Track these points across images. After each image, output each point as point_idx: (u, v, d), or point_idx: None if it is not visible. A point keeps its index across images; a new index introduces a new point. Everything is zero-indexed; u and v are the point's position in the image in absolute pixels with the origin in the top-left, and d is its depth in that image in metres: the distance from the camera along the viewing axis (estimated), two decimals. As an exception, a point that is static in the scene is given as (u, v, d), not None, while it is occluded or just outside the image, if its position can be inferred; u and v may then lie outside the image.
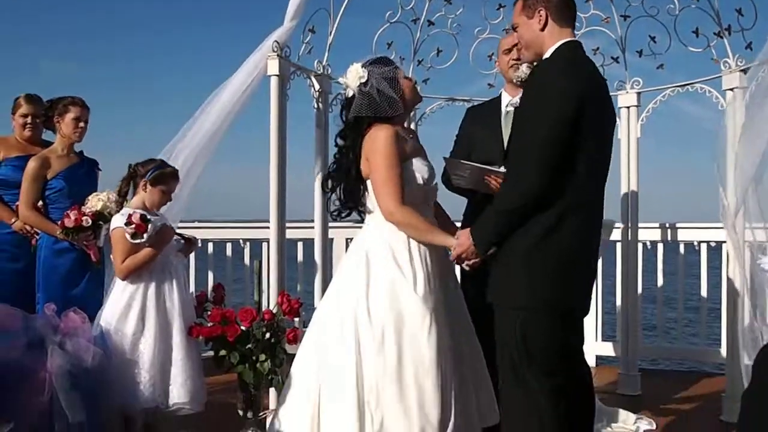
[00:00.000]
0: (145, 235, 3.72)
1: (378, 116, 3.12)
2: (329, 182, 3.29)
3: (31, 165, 4.19)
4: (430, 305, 2.93)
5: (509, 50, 3.74)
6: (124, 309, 3.76)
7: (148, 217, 3.77)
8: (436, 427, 2.85)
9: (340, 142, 3.25)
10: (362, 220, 3.27)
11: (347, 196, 3.23)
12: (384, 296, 2.96)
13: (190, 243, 4.10)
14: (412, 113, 3.39)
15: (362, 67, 3.15)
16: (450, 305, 3.07)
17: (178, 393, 3.76)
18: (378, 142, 3.04)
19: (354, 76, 3.14)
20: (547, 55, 2.83)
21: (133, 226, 3.69)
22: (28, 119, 4.49)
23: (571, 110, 2.60)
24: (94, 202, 4.04)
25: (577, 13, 3.00)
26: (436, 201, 3.34)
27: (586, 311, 2.97)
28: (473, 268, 2.98)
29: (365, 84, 3.12)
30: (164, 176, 3.89)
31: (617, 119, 4.92)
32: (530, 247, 2.71)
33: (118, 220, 3.80)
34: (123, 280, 3.79)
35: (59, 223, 4.06)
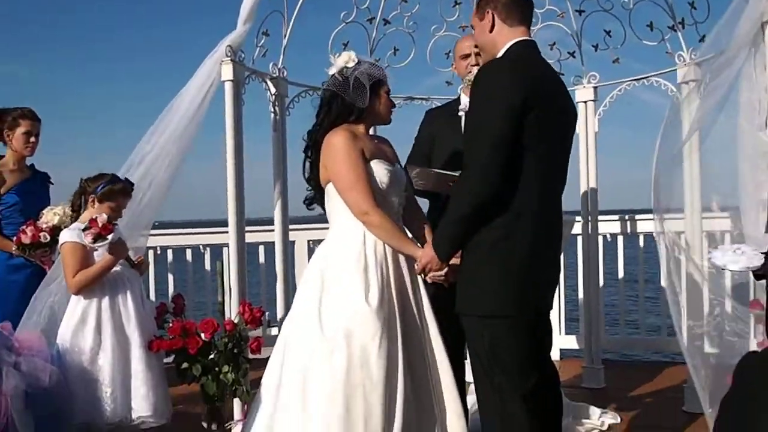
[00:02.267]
0: (109, 237, 3.59)
1: (342, 112, 3.08)
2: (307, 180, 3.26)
3: None
4: (382, 317, 2.87)
5: (467, 55, 3.73)
6: (79, 324, 3.67)
7: (115, 222, 3.67)
8: None
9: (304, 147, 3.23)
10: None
11: (318, 199, 3.23)
12: (336, 306, 2.92)
13: (139, 266, 3.97)
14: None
15: (357, 56, 3.12)
16: (407, 314, 3.01)
17: (140, 406, 3.68)
18: (333, 147, 3.00)
19: (344, 59, 3.09)
20: (498, 56, 2.81)
21: (97, 228, 3.56)
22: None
23: (514, 114, 2.56)
24: (50, 216, 3.94)
25: (534, 9, 2.99)
26: (412, 200, 3.31)
27: (550, 308, 2.96)
28: (436, 281, 2.96)
29: (348, 69, 3.07)
30: (113, 192, 3.80)
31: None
32: (488, 253, 2.69)
33: (67, 235, 3.70)
34: (75, 294, 3.70)
35: (15, 239, 3.96)
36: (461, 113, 3.73)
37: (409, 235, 3.19)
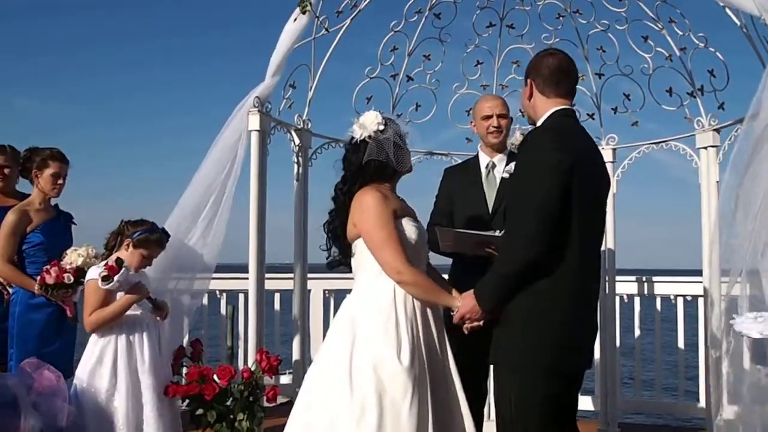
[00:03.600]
0: (116, 278, 3.63)
1: (374, 175, 3.11)
2: (328, 234, 3.27)
3: (10, 218, 4.10)
4: (413, 376, 2.86)
5: (489, 116, 3.80)
6: (96, 364, 3.70)
7: (124, 263, 3.71)
8: None
9: (333, 199, 3.25)
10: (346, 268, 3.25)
11: (341, 252, 3.25)
12: (367, 363, 2.89)
13: (160, 310, 3.99)
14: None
15: (382, 115, 3.15)
16: (435, 371, 3.00)
17: None
18: (365, 206, 3.03)
19: (372, 121, 3.12)
20: (539, 123, 2.94)
21: (106, 269, 3.63)
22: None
23: (561, 184, 2.68)
24: (74, 257, 3.98)
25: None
26: (429, 263, 3.33)
27: (584, 369, 2.96)
28: (475, 331, 2.98)
29: (383, 132, 3.11)
30: (149, 241, 3.86)
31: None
32: (528, 310, 2.76)
33: (93, 272, 3.76)
34: (90, 332, 3.74)
35: (38, 279, 3.98)
36: (504, 174, 3.79)
37: None
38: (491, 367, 2.92)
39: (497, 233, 3.28)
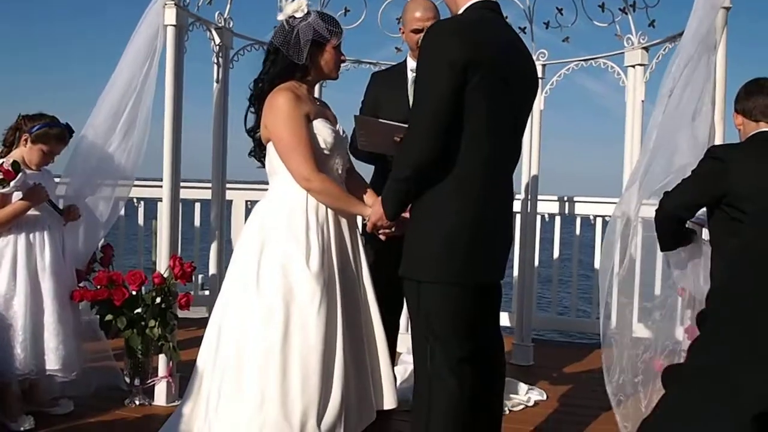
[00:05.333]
0: (12, 183, 3.44)
1: (283, 69, 2.98)
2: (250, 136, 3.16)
3: None
4: (321, 281, 2.82)
5: (419, 30, 3.62)
6: None
7: (21, 167, 3.50)
8: (316, 405, 2.75)
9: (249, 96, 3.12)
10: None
11: (257, 156, 3.15)
12: (275, 269, 2.84)
13: (69, 216, 3.81)
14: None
15: (308, 6, 2.99)
16: (347, 279, 2.97)
17: (49, 359, 3.57)
18: (276, 108, 2.90)
19: (293, 7, 2.96)
20: None
21: (2, 171, 3.42)
22: None
23: (455, 74, 2.49)
24: None
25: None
26: (352, 168, 3.24)
27: (496, 278, 2.86)
28: (388, 237, 2.91)
29: (295, 19, 2.96)
30: (48, 136, 3.65)
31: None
32: (431, 217, 2.63)
33: None
34: None
35: None
36: (410, 76, 3.68)
37: None
38: None
39: None
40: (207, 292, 5.63)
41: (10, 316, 3.47)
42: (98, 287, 3.76)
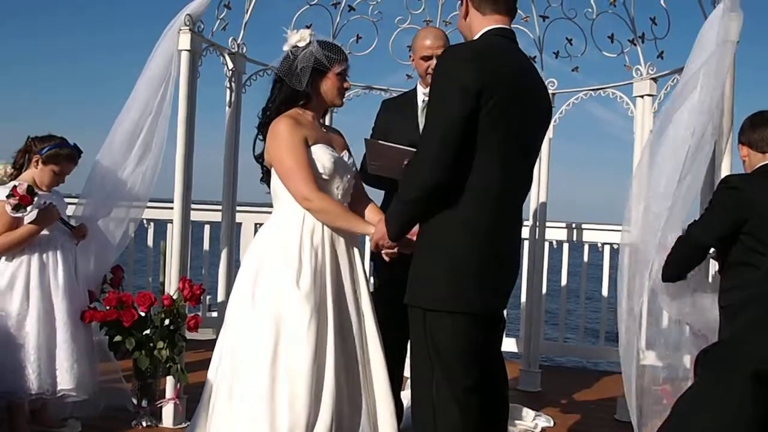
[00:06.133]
0: (28, 208, 3.49)
1: (287, 97, 3.05)
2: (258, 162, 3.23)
3: None
4: (312, 302, 2.84)
5: (428, 57, 3.67)
6: (7, 287, 3.56)
7: (35, 190, 3.55)
8: (303, 427, 2.76)
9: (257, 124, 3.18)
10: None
11: (265, 182, 3.22)
12: (268, 288, 2.90)
13: (79, 232, 3.85)
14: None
15: (311, 36, 3.06)
16: (342, 304, 2.98)
17: (63, 379, 3.58)
18: (275, 135, 2.98)
19: (297, 36, 3.05)
20: None
21: (17, 197, 3.46)
22: None
23: (468, 99, 2.50)
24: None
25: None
26: (360, 192, 3.28)
27: (500, 307, 2.84)
28: (391, 258, 2.92)
29: (298, 48, 3.03)
30: (58, 156, 3.71)
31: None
32: (438, 243, 2.63)
33: (0, 193, 3.57)
34: None
35: None
36: (420, 104, 3.72)
37: None
38: None
39: None
40: (215, 314, 5.65)
41: (22, 336, 3.50)
42: (108, 308, 3.79)
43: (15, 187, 3.50)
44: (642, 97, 4.62)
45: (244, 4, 4.48)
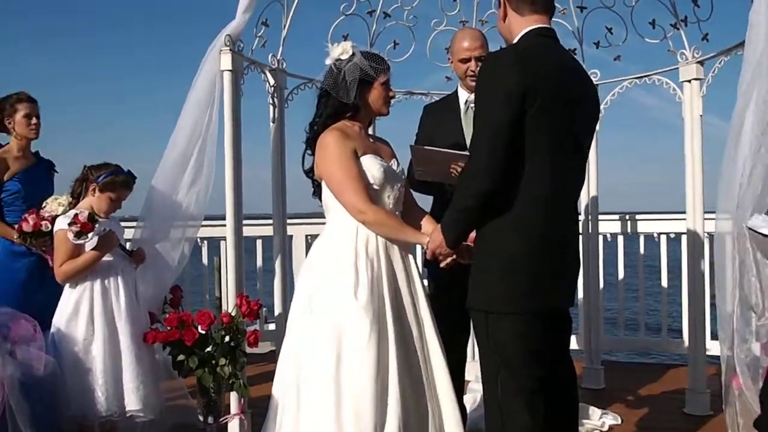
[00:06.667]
0: (89, 235, 3.58)
1: (334, 110, 3.07)
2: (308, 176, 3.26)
3: None
4: (371, 313, 2.84)
5: (467, 60, 3.66)
6: (73, 313, 3.65)
7: (96, 217, 3.64)
8: None
9: (305, 139, 3.22)
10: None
11: (316, 194, 3.24)
12: (326, 303, 2.91)
13: (137, 257, 3.94)
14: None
15: (353, 47, 3.08)
16: (401, 312, 2.98)
17: (130, 400, 3.65)
18: (324, 148, 3.01)
19: (338, 50, 3.07)
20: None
21: (78, 225, 3.56)
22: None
23: (514, 103, 2.51)
24: (54, 206, 3.89)
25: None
26: (410, 200, 3.28)
27: (566, 305, 2.85)
28: (449, 266, 2.92)
29: (341, 61, 3.05)
30: (114, 183, 3.79)
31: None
32: (496, 246, 2.64)
33: (62, 222, 3.68)
34: (62, 283, 3.70)
35: (17, 227, 3.92)
36: (463, 106, 3.71)
37: None
38: None
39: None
40: (272, 327, 5.71)
41: (89, 360, 3.59)
42: (169, 328, 3.85)
43: (76, 215, 3.59)
44: (689, 81, 4.52)
45: (281, 20, 4.53)
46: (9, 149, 4.14)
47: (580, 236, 5.18)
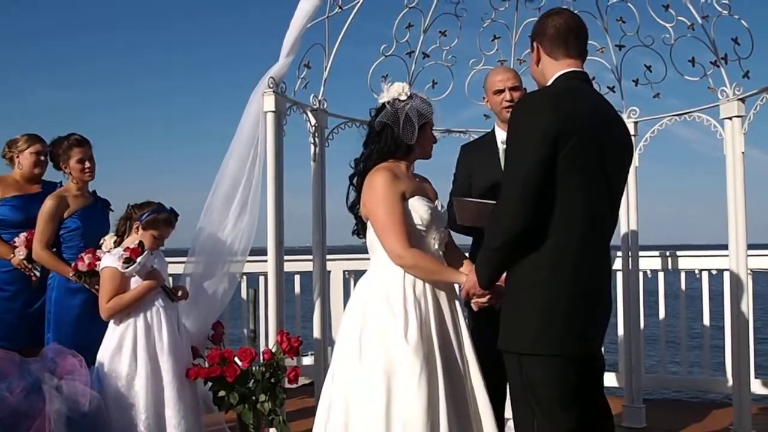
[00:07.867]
0: (138, 260, 3.66)
1: (389, 146, 3.10)
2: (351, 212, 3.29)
3: (48, 204, 4.16)
4: (421, 354, 2.85)
5: (500, 91, 3.72)
6: (116, 349, 3.73)
7: (145, 248, 3.74)
8: None
9: (350, 174, 3.26)
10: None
11: (360, 231, 3.26)
12: (375, 343, 2.91)
13: (179, 298, 4.02)
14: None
15: (411, 89, 3.14)
16: (448, 351, 2.99)
17: None
18: (373, 187, 3.03)
19: (397, 89, 3.11)
20: None
21: (128, 251, 3.66)
22: (41, 156, 4.44)
23: (547, 153, 2.53)
24: (111, 243, 3.99)
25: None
26: (450, 242, 3.29)
27: (597, 347, 2.81)
28: (481, 307, 2.94)
29: (401, 101, 3.10)
30: (157, 221, 3.89)
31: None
32: (529, 289, 2.64)
33: (108, 260, 3.77)
34: (107, 320, 3.78)
35: (72, 265, 4.03)
36: (501, 146, 3.75)
37: None
38: None
39: None
40: (307, 360, 5.72)
41: (132, 396, 3.66)
42: (211, 364, 3.91)
43: (128, 248, 3.69)
44: (730, 119, 4.49)
45: (322, 61, 4.63)
46: (68, 188, 4.28)
47: (619, 273, 5.19)
